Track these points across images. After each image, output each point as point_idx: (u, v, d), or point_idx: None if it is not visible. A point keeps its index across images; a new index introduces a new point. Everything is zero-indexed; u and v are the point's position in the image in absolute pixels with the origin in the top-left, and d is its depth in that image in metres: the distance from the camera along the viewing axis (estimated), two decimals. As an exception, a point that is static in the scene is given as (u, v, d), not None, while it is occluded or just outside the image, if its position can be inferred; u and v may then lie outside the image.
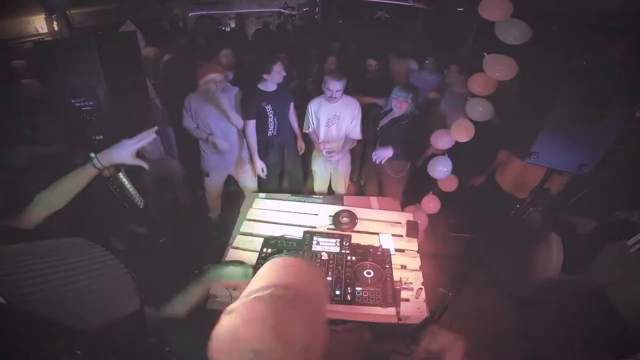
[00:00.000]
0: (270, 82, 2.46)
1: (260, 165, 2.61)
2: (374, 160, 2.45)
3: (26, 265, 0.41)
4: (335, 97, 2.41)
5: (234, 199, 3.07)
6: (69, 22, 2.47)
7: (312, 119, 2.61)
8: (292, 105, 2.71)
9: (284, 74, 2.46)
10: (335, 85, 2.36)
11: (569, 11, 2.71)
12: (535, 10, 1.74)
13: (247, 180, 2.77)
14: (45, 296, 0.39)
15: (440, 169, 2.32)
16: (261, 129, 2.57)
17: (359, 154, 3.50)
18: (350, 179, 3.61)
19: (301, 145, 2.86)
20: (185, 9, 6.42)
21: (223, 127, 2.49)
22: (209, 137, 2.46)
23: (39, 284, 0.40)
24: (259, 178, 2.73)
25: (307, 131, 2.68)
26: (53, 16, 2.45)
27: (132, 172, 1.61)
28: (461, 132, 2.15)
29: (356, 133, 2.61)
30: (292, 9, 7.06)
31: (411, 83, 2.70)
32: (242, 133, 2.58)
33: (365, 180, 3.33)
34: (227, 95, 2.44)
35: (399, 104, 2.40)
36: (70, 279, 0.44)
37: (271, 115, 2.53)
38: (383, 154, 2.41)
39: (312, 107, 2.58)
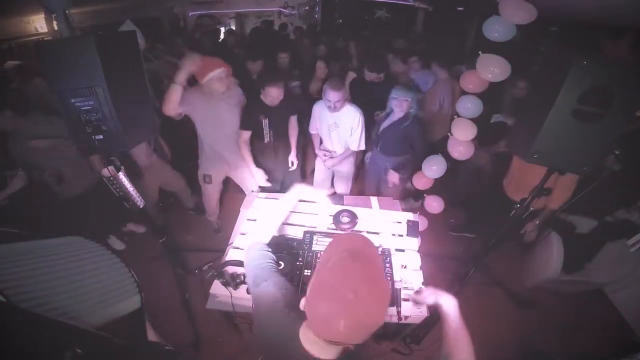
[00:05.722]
0: (269, 101, 2.33)
1: (259, 174, 2.51)
2: (389, 185, 2.48)
3: (26, 265, 0.41)
4: (335, 107, 2.32)
5: (233, 200, 3.07)
6: (68, 21, 2.46)
7: (316, 121, 2.58)
8: (293, 118, 2.61)
9: (280, 97, 2.31)
10: (334, 96, 2.26)
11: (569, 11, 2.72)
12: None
13: (246, 180, 2.67)
14: (45, 295, 0.39)
15: (435, 168, 2.32)
16: (257, 135, 2.49)
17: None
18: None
19: (292, 160, 2.70)
20: (185, 9, 6.43)
21: (219, 132, 2.35)
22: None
23: (39, 283, 0.40)
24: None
25: (312, 132, 2.65)
26: (53, 16, 2.45)
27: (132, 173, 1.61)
28: (462, 131, 2.15)
29: (355, 144, 2.51)
30: (292, 8, 7.07)
31: (409, 82, 2.63)
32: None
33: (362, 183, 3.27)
34: (228, 98, 2.29)
35: (400, 104, 2.35)
36: (70, 278, 0.44)
37: (267, 127, 2.46)
38: (393, 179, 2.47)
39: (316, 109, 2.54)
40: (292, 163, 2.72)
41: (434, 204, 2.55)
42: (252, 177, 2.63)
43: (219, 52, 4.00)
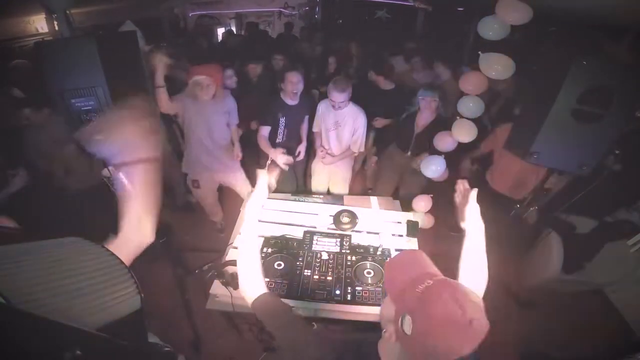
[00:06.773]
0: (289, 95, 2.41)
1: (281, 157, 2.41)
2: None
3: (26, 265, 0.41)
4: (340, 107, 2.35)
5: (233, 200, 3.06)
6: (69, 22, 2.46)
7: (319, 120, 2.59)
8: (306, 118, 2.65)
9: (300, 87, 2.39)
10: (338, 97, 2.26)
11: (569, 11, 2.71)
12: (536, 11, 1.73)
13: (238, 185, 2.68)
14: (45, 296, 0.39)
15: (434, 168, 2.32)
16: (269, 136, 2.53)
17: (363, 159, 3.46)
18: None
19: (299, 150, 2.72)
20: (186, 9, 6.43)
21: (208, 137, 2.36)
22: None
23: (39, 284, 0.40)
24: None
25: (315, 131, 2.66)
26: (53, 16, 2.45)
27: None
28: (463, 133, 2.14)
29: (356, 145, 2.53)
30: (292, 8, 7.06)
31: (433, 83, 2.63)
32: (230, 143, 2.51)
33: (375, 183, 3.19)
34: (218, 104, 2.30)
35: (428, 104, 2.37)
36: (70, 279, 0.44)
37: (282, 126, 2.51)
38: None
39: (320, 108, 2.55)
40: (299, 153, 2.73)
41: (421, 203, 2.50)
42: (246, 182, 2.64)
43: (215, 53, 3.99)
